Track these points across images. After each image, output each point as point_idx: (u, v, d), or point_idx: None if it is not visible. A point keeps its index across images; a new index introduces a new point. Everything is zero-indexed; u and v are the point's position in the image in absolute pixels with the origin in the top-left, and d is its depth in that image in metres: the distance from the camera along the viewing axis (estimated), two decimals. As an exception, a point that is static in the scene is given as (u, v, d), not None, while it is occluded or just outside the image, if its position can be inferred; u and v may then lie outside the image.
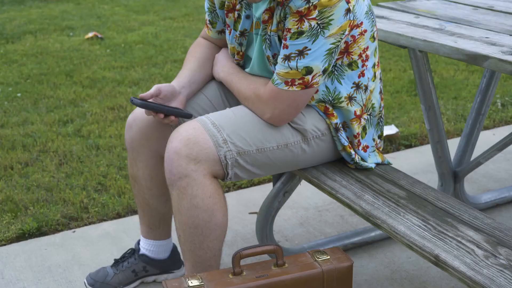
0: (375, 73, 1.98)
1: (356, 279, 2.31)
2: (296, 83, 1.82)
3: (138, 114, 2.10)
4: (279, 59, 1.83)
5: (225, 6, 1.99)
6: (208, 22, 2.12)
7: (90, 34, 5.78)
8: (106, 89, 4.36)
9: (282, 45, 1.82)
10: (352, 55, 1.89)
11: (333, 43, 1.79)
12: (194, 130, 1.84)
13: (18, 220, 2.75)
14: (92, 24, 6.34)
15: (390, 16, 2.46)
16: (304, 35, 1.76)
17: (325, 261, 1.81)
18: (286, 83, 1.83)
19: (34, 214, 2.78)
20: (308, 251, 1.87)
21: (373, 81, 1.98)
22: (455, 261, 1.57)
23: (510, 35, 2.15)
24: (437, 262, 1.61)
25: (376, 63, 1.99)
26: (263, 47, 1.91)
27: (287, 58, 1.80)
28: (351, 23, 1.80)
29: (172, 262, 2.32)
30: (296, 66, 1.80)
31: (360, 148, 2.02)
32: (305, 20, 1.75)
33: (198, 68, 2.09)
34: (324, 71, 1.83)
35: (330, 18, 1.74)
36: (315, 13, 1.74)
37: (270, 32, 1.87)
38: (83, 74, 4.70)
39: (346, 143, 1.99)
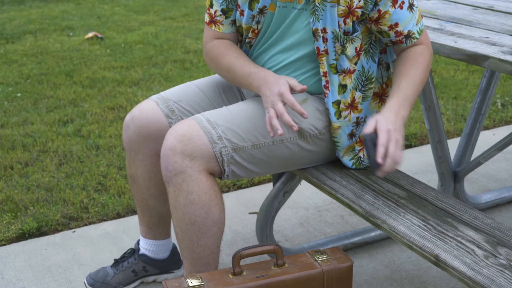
0: None
1: (356, 279, 2.31)
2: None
3: (136, 113, 2.09)
4: (406, 19, 1.87)
5: None
6: (220, 13, 1.97)
7: (90, 34, 5.78)
8: (106, 89, 4.36)
9: (398, 5, 1.84)
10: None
11: None
12: (189, 127, 1.84)
13: (18, 220, 2.75)
14: (92, 24, 6.34)
15: (390, 16, 2.45)
16: None
17: (325, 261, 1.81)
18: (421, 16, 1.94)
19: (34, 214, 2.78)
20: (308, 251, 1.87)
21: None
22: (455, 261, 1.57)
23: (510, 35, 2.15)
24: (437, 262, 1.60)
25: None
26: (311, 20, 1.86)
27: (411, 6, 1.88)
28: None
29: (172, 262, 2.32)
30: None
31: None
32: None
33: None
34: None
35: None
36: None
37: (322, 4, 1.82)
38: (83, 74, 4.70)
39: (353, 142, 1.98)
